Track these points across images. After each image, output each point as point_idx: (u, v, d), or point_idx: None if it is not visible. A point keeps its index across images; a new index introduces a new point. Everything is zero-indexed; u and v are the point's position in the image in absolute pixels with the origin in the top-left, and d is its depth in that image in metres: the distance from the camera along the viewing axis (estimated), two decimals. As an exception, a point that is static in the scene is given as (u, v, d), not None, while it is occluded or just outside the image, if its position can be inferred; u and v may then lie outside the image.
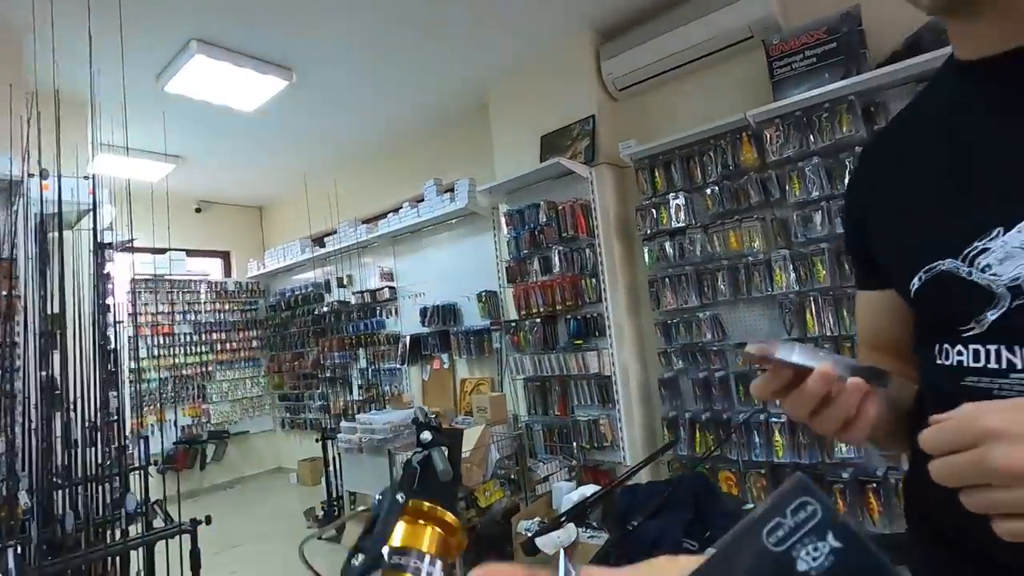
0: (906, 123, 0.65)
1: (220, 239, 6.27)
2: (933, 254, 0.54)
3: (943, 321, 0.56)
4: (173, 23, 2.80)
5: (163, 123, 3.79)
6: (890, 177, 0.63)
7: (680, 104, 3.08)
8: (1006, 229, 0.49)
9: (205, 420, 5.52)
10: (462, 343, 4.08)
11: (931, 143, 0.58)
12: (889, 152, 0.65)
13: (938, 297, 0.55)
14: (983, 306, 0.51)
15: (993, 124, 0.52)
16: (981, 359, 0.52)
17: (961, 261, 0.52)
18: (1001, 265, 0.49)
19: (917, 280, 0.56)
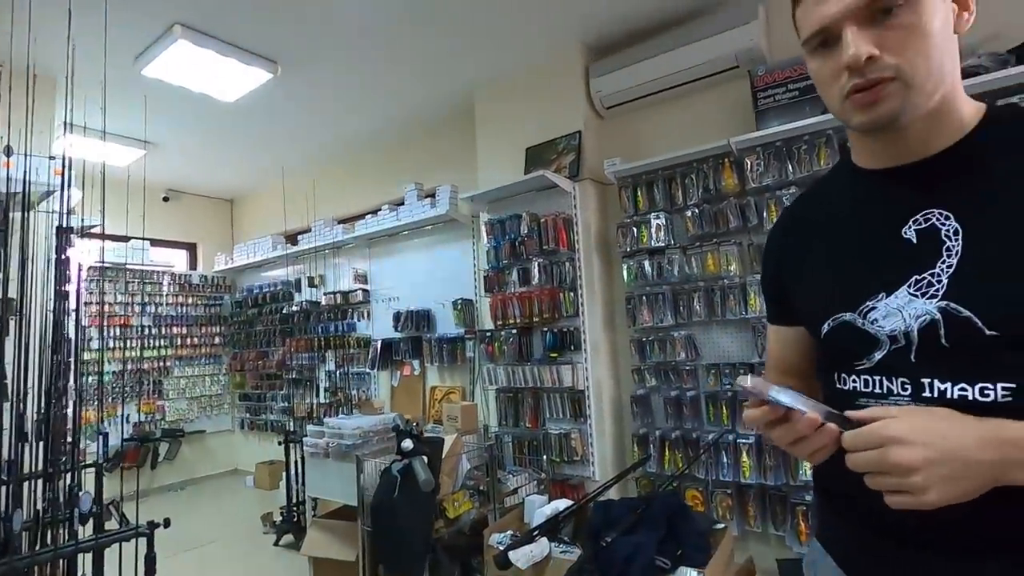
0: (821, 202, 0.85)
1: (187, 230, 6.07)
2: (839, 308, 0.73)
3: (842, 357, 0.74)
4: (159, 5, 2.72)
5: (138, 107, 3.67)
6: (807, 246, 0.82)
7: (665, 126, 3.14)
8: (887, 294, 0.69)
9: (159, 417, 5.30)
10: (435, 350, 4.04)
11: (839, 226, 0.78)
12: (807, 224, 0.84)
13: (841, 339, 0.74)
14: (872, 348, 0.70)
15: (884, 217, 0.71)
16: (869, 386, 0.71)
17: (857, 315, 0.71)
18: (884, 320, 0.68)
19: (826, 326, 0.75)
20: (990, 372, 0.61)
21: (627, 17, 3.03)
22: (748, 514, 2.66)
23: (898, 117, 0.64)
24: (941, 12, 0.63)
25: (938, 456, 0.54)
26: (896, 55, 0.62)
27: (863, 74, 0.63)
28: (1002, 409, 0.59)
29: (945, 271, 0.64)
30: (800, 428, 0.63)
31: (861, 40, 0.62)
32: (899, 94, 0.62)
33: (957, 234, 0.64)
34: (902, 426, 0.56)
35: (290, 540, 3.65)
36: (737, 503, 2.68)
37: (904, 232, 0.68)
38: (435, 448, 2.01)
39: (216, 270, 5.89)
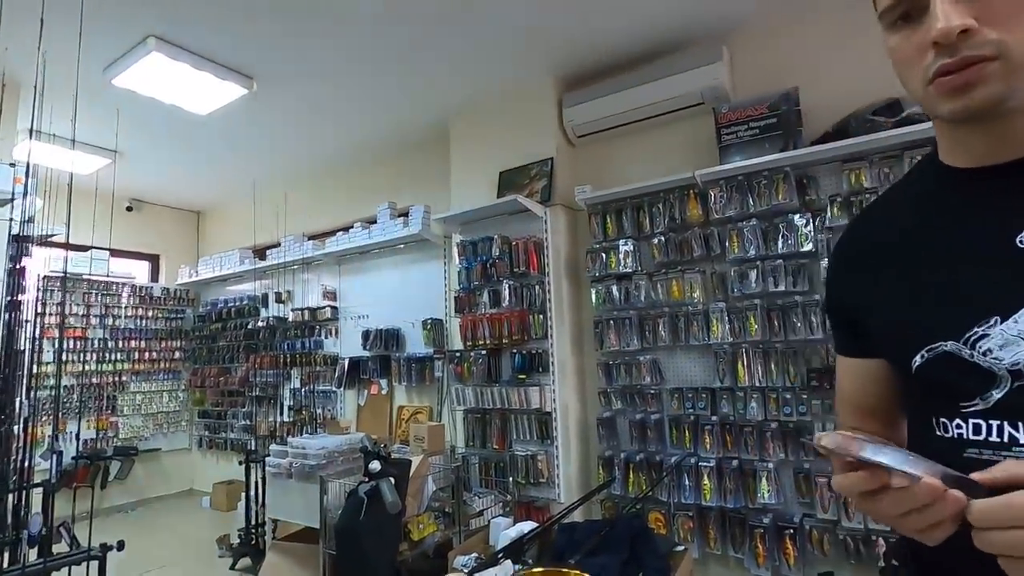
0: (895, 212, 0.71)
1: (150, 241, 5.92)
2: (937, 336, 0.60)
3: (943, 397, 0.61)
4: (133, 15, 2.70)
5: (105, 116, 3.61)
6: (886, 261, 0.68)
7: (634, 156, 3.25)
8: (1003, 319, 0.56)
9: (112, 434, 5.10)
10: (403, 369, 4.02)
11: (928, 235, 0.64)
12: (884, 236, 0.70)
13: (941, 374, 0.60)
14: (989, 386, 0.57)
15: (988, 225, 0.59)
16: (982, 432, 0.57)
17: (963, 344, 0.58)
18: (1001, 350, 0.56)
19: (919, 358, 0.61)
20: None
21: (599, 52, 3.15)
22: (709, 536, 2.72)
23: (999, 105, 0.53)
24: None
25: None
26: (999, 27, 0.51)
27: (955, 52, 0.52)
28: None
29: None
30: (919, 497, 0.48)
31: (953, 10, 0.51)
32: (1001, 77, 0.52)
33: None
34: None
35: (247, 564, 3.54)
36: (698, 525, 2.74)
37: (1020, 241, 0.56)
38: (403, 470, 2.01)
39: (179, 283, 5.75)
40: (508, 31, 2.93)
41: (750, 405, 2.63)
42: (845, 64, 2.66)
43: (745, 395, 2.66)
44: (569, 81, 3.44)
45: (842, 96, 2.57)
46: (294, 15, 2.72)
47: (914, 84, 0.58)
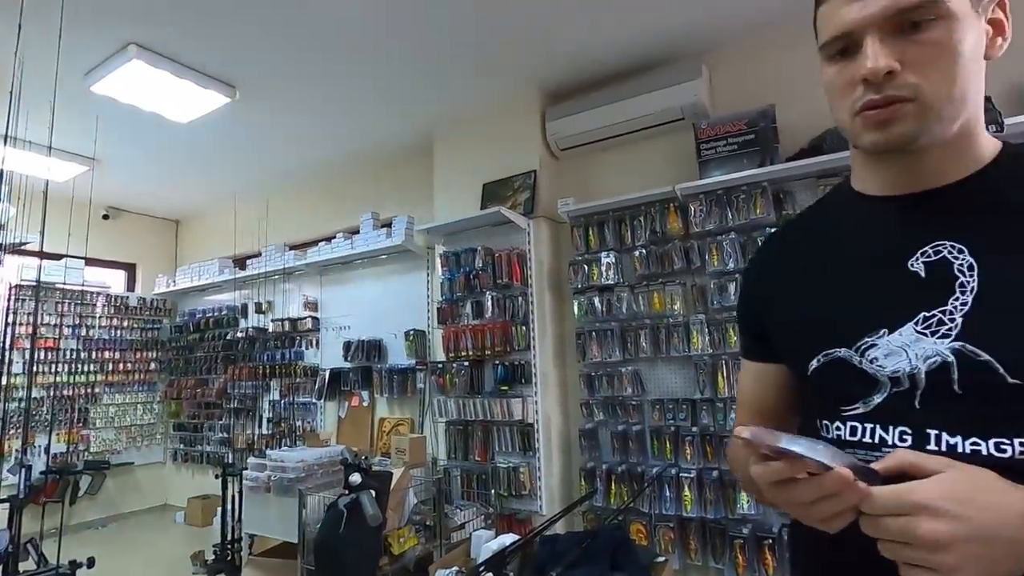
0: (810, 231, 0.79)
1: (127, 250, 5.81)
2: (832, 343, 0.66)
3: (831, 400, 0.67)
4: (114, 22, 2.67)
5: (82, 123, 3.57)
6: (792, 275, 0.76)
7: (616, 170, 3.30)
8: (890, 331, 0.62)
9: (83, 448, 4.96)
10: (385, 381, 3.99)
11: (835, 254, 0.72)
12: (795, 254, 0.78)
13: (832, 378, 0.67)
14: (871, 391, 0.63)
15: (888, 248, 0.66)
16: (858, 434, 0.64)
17: (854, 351, 0.64)
18: (885, 359, 0.62)
19: (816, 362, 0.68)
20: (1009, 425, 0.55)
21: (582, 67, 3.20)
22: (689, 547, 2.73)
23: (911, 141, 0.60)
24: (973, 33, 0.58)
25: (975, 533, 0.46)
26: (918, 74, 0.57)
27: (880, 89, 0.58)
28: (1019, 468, 0.53)
29: (959, 309, 0.58)
30: (827, 485, 0.51)
31: (882, 52, 0.57)
32: (915, 117, 0.58)
33: (972, 269, 0.59)
34: (935, 492, 0.48)
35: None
36: (679, 536, 2.75)
37: (911, 264, 0.62)
38: (383, 482, 1.98)
39: (156, 292, 5.65)
40: (492, 45, 2.97)
41: (730, 416, 2.66)
42: (819, 84, 2.73)
43: (725, 406, 2.69)
44: (553, 95, 3.48)
45: (816, 114, 2.63)
46: (278, 25, 2.72)
47: (843, 114, 0.64)
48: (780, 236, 0.85)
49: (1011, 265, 0.58)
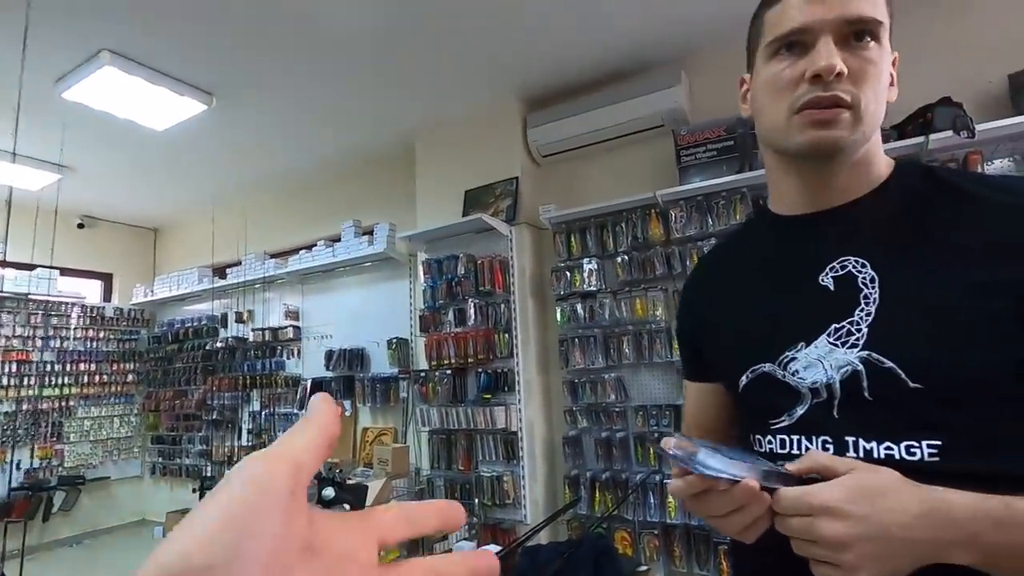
0: (736, 252, 0.84)
1: (104, 259, 5.70)
2: (758, 358, 0.70)
3: (760, 414, 0.70)
4: (85, 28, 2.62)
5: (54, 130, 3.50)
6: (720, 297, 0.81)
7: (598, 176, 3.30)
8: (807, 343, 0.66)
9: (57, 463, 4.83)
10: (367, 390, 3.94)
11: (756, 274, 0.77)
12: (722, 275, 0.83)
13: (760, 392, 0.70)
14: (795, 403, 0.66)
15: (801, 264, 0.70)
16: (786, 447, 0.66)
17: (777, 365, 0.68)
18: (805, 371, 0.65)
19: (745, 378, 0.71)
20: (915, 428, 0.58)
21: (563, 74, 3.21)
22: (674, 554, 2.71)
23: (841, 148, 0.63)
24: (887, 70, 0.65)
25: (873, 532, 0.49)
26: (856, 84, 0.61)
27: (828, 88, 0.61)
28: (929, 469, 0.56)
29: (864, 319, 0.62)
30: (737, 498, 0.53)
31: (836, 54, 0.61)
32: (850, 124, 0.62)
33: (874, 282, 0.63)
34: (836, 494, 0.50)
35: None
36: (663, 543, 2.74)
37: (821, 279, 0.67)
38: (359, 496, 1.93)
39: (134, 303, 5.54)
40: (473, 53, 2.96)
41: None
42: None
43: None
44: (534, 102, 3.48)
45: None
46: (256, 32, 2.69)
47: (777, 112, 0.66)
48: (708, 260, 0.90)
49: (909, 276, 0.62)
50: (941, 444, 0.57)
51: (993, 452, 0.57)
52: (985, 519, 0.49)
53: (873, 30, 0.62)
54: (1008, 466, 0.57)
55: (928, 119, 2.34)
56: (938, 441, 0.57)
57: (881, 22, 0.63)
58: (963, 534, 0.49)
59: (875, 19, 0.62)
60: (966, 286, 0.58)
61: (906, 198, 0.66)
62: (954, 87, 2.43)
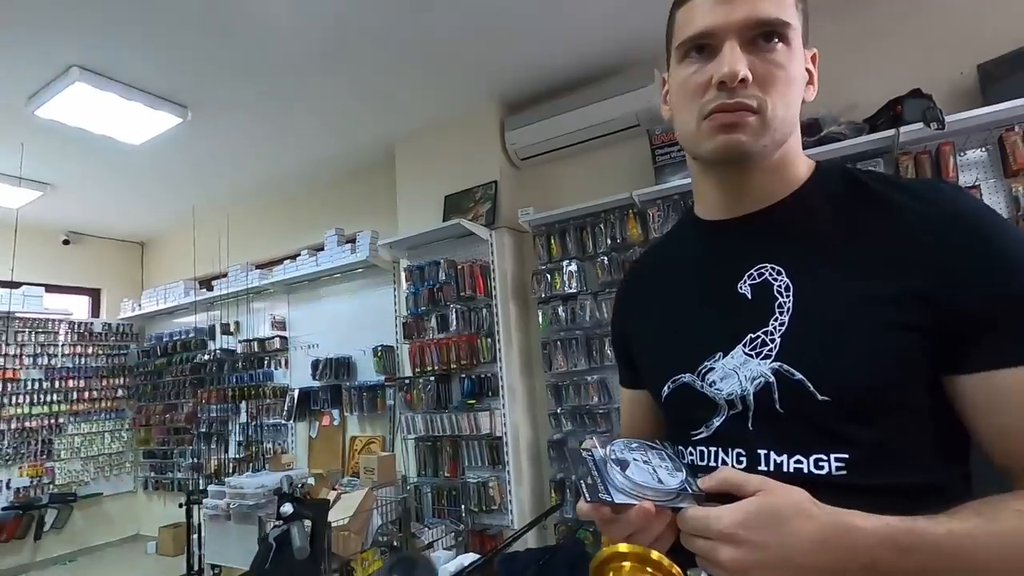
0: (663, 259, 0.83)
1: (91, 275, 5.68)
2: (679, 369, 0.68)
3: (681, 426, 0.69)
4: (53, 44, 2.60)
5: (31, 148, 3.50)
6: (647, 305, 0.79)
7: (576, 177, 3.29)
8: (724, 353, 0.64)
9: (48, 480, 4.80)
10: (355, 399, 3.93)
11: (680, 281, 0.75)
12: (650, 283, 0.82)
13: (681, 403, 0.69)
14: (712, 415, 0.65)
15: (721, 272, 0.68)
16: (706, 459, 0.65)
17: (696, 376, 0.66)
18: (722, 382, 0.64)
19: (667, 388, 0.70)
20: (823, 441, 0.57)
21: (538, 77, 3.20)
22: (661, 556, 2.70)
23: (749, 152, 0.62)
24: (801, 71, 0.64)
25: (769, 560, 0.48)
26: (762, 89, 0.60)
27: (733, 94, 0.60)
28: (837, 483, 0.55)
29: (778, 329, 0.61)
30: (634, 522, 0.53)
31: (741, 60, 0.59)
32: (757, 129, 0.61)
33: (788, 290, 0.61)
34: (737, 518, 0.49)
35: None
36: (650, 545, 2.72)
37: (740, 287, 0.65)
38: (319, 511, 1.92)
39: (122, 317, 5.52)
40: (449, 59, 2.95)
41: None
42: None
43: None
44: (511, 105, 3.47)
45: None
46: (226, 42, 2.68)
47: (690, 118, 0.64)
48: (636, 269, 0.89)
49: (819, 285, 0.60)
50: (848, 458, 0.56)
51: (901, 465, 0.56)
52: (887, 544, 0.48)
53: (780, 32, 0.61)
54: (916, 478, 0.56)
55: (898, 112, 2.33)
56: (846, 455, 0.56)
57: (788, 23, 0.61)
58: (864, 560, 0.48)
59: (781, 20, 0.60)
60: (870, 296, 0.57)
61: (823, 202, 0.65)
62: (925, 79, 2.42)
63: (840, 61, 2.70)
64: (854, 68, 2.64)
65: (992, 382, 0.54)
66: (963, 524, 0.48)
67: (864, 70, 2.62)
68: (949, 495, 0.52)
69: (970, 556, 0.48)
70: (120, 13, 2.41)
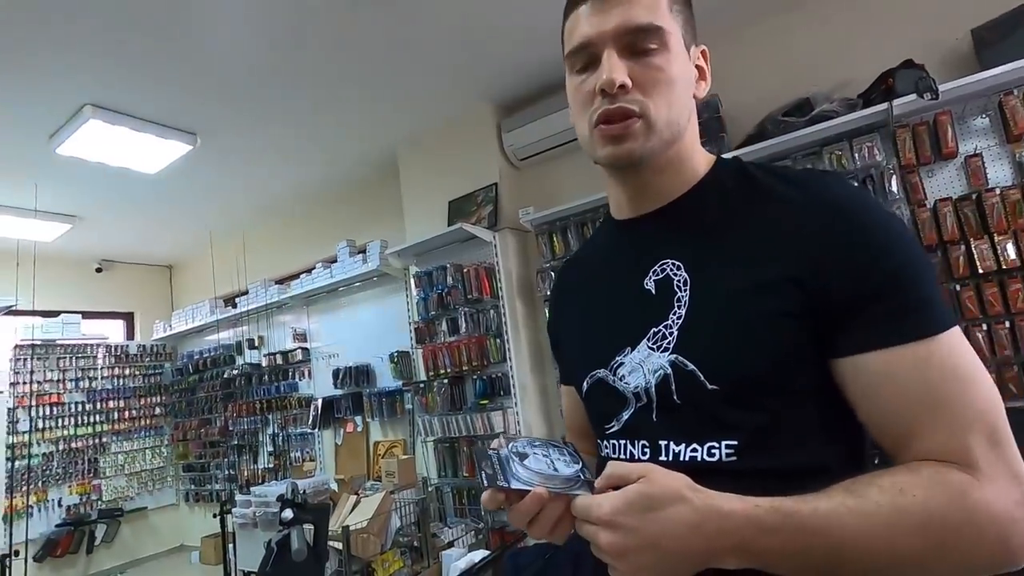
0: (585, 260, 0.86)
1: (124, 299, 5.94)
2: (594, 364, 0.71)
3: (598, 420, 0.72)
4: (66, 87, 2.75)
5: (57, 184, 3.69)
6: (571, 305, 0.83)
7: (574, 174, 3.31)
8: (632, 348, 0.67)
9: (95, 497, 5.05)
10: (375, 405, 4.02)
11: (596, 279, 0.78)
12: (573, 283, 0.85)
13: (597, 398, 0.72)
14: (622, 408, 0.68)
15: (631, 269, 0.71)
16: (617, 451, 0.68)
17: (609, 371, 0.69)
18: (630, 375, 0.67)
19: (585, 384, 0.73)
20: (714, 429, 0.59)
21: (530, 76, 3.23)
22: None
23: (639, 157, 0.64)
24: (685, 71, 0.65)
25: (643, 544, 0.49)
26: (644, 93, 0.62)
27: (614, 100, 0.62)
28: (727, 469, 0.58)
29: (676, 322, 0.63)
30: (529, 507, 0.55)
31: (618, 67, 0.61)
32: (643, 134, 0.63)
33: (686, 284, 0.64)
34: (615, 505, 0.51)
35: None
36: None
37: (646, 284, 0.67)
38: (320, 516, 2.00)
39: (155, 338, 5.76)
40: (442, 67, 3.01)
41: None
42: (758, 70, 2.75)
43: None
44: (506, 106, 3.51)
45: (758, 101, 2.65)
46: (227, 70, 2.78)
47: (584, 127, 0.67)
48: (563, 269, 0.92)
49: (710, 277, 0.63)
50: (737, 444, 0.58)
51: (788, 448, 0.58)
52: (753, 525, 0.50)
53: (655, 37, 0.62)
54: (802, 460, 0.58)
55: (890, 84, 2.29)
56: (735, 441, 0.58)
57: (661, 27, 0.62)
58: (733, 541, 0.50)
59: (654, 26, 0.62)
60: (752, 286, 0.59)
61: (716, 197, 0.67)
62: (918, 49, 2.37)
63: (830, 37, 2.66)
64: (845, 43, 2.61)
65: (861, 365, 0.56)
66: (829, 502, 0.50)
67: (855, 44, 2.57)
68: (838, 475, 0.53)
69: (835, 533, 0.49)
70: (122, 51, 2.53)
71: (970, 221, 2.21)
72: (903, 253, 0.56)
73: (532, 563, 1.86)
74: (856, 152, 2.42)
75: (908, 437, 0.54)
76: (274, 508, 2.60)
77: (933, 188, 2.35)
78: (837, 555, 0.50)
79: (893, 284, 0.55)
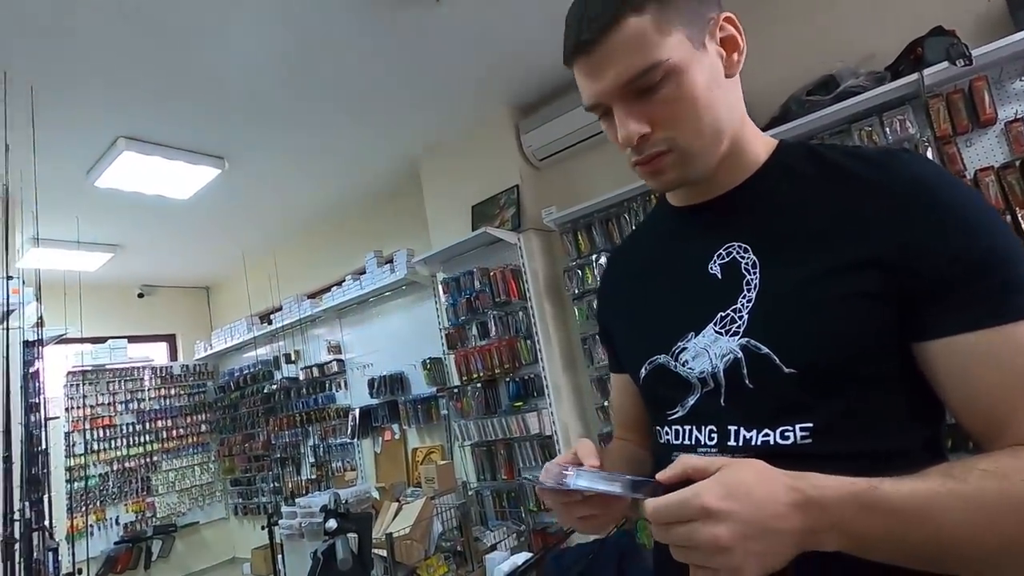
0: (639, 246, 0.85)
1: (165, 322, 6.16)
2: (654, 350, 0.70)
3: (659, 406, 0.72)
4: (98, 122, 2.87)
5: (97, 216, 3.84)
6: (624, 292, 0.82)
7: (595, 170, 3.28)
8: (696, 333, 0.66)
9: (150, 514, 5.24)
10: (410, 412, 4.07)
11: (654, 265, 0.77)
12: (627, 269, 0.85)
13: (657, 384, 0.71)
14: (687, 394, 0.67)
15: (692, 254, 0.70)
16: (680, 437, 0.67)
17: (670, 357, 0.68)
18: (694, 360, 0.66)
19: (644, 370, 0.72)
20: (790, 413, 0.58)
21: (546, 77, 3.22)
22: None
23: (682, 183, 0.65)
24: (705, 70, 0.61)
25: (752, 531, 0.46)
26: (667, 129, 0.61)
27: (639, 151, 0.62)
28: (802, 453, 0.56)
29: (745, 306, 0.62)
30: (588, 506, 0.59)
31: (631, 119, 0.60)
32: (678, 165, 0.62)
33: (755, 267, 0.63)
34: (712, 495, 0.46)
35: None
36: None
37: (710, 268, 0.67)
38: (363, 524, 2.02)
39: (197, 358, 5.94)
40: (460, 75, 3.04)
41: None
42: (778, 50, 2.68)
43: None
44: (523, 108, 3.51)
45: (780, 82, 2.58)
46: (250, 93, 2.86)
47: (627, 161, 0.67)
48: (614, 258, 0.91)
49: (783, 259, 0.62)
50: (812, 427, 0.57)
51: (866, 432, 0.57)
52: (852, 503, 0.47)
53: (658, 70, 0.59)
54: (881, 444, 0.56)
55: (919, 54, 2.20)
56: (810, 424, 0.57)
57: (656, 63, 0.58)
58: (831, 519, 0.47)
59: (649, 65, 0.58)
60: (830, 267, 0.58)
61: (783, 179, 0.66)
62: (947, 16, 2.28)
63: (852, 11, 2.58)
64: (869, 15, 2.52)
65: (953, 347, 0.54)
66: (927, 485, 0.48)
67: (879, 16, 2.49)
68: (916, 459, 0.52)
69: (935, 516, 0.47)
70: (148, 83, 2.63)
71: (1014, 189, 2.11)
72: (993, 232, 0.55)
73: (575, 564, 1.85)
74: (887, 126, 2.34)
75: (1004, 422, 0.52)
76: (318, 518, 2.64)
77: (972, 158, 2.25)
78: (936, 540, 0.48)
79: (986, 264, 0.53)
